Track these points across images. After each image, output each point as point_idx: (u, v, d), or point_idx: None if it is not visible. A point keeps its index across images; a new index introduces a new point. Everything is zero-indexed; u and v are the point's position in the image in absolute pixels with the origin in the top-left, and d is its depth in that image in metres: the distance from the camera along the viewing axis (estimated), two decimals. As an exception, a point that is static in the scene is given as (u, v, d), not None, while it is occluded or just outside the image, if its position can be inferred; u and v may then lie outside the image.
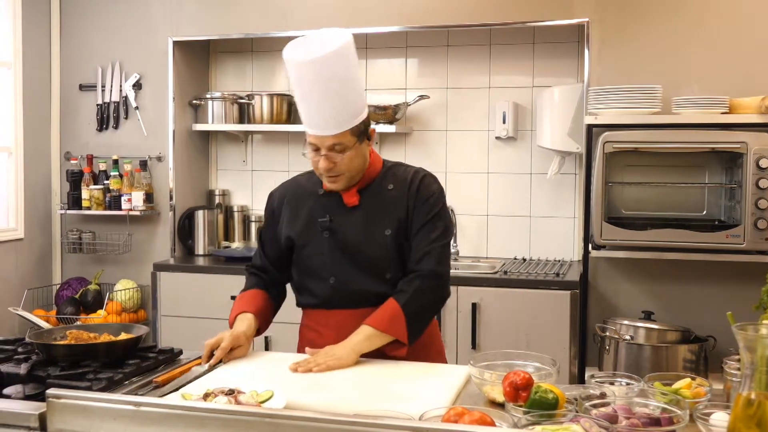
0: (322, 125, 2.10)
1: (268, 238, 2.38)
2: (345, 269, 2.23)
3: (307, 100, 2.11)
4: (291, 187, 2.37)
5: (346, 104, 2.09)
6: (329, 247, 2.24)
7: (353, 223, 2.23)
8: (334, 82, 2.07)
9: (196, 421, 1.46)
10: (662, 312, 3.58)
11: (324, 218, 2.24)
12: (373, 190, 2.25)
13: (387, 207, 2.23)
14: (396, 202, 2.23)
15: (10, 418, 1.65)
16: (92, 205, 4.26)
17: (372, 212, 2.23)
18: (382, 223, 2.22)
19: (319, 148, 2.13)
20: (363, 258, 2.22)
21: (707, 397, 1.76)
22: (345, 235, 2.23)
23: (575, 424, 1.49)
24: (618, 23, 3.65)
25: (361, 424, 1.36)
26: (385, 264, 2.22)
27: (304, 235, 2.27)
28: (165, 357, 2.14)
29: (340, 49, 2.07)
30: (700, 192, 3.55)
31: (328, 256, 2.24)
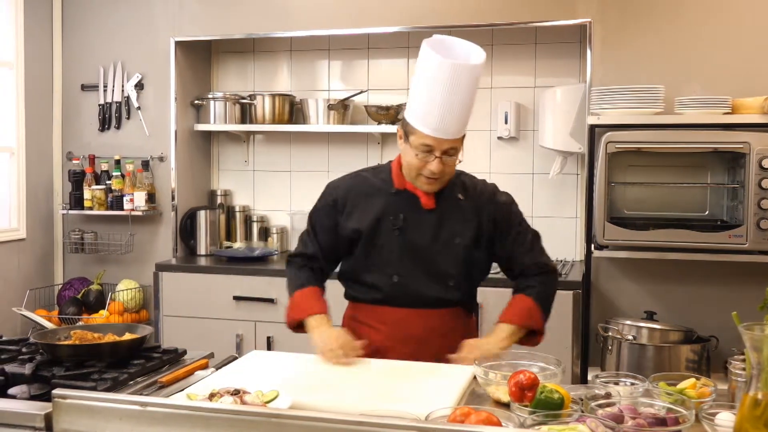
0: (447, 129, 2.13)
1: (325, 227, 2.36)
2: (410, 269, 2.26)
3: (441, 102, 2.11)
4: (357, 181, 2.37)
5: (469, 111, 2.19)
6: (398, 246, 2.27)
7: (426, 226, 2.27)
8: (471, 91, 2.15)
9: (202, 421, 1.46)
10: (664, 312, 3.58)
11: (397, 217, 2.27)
12: (446, 197, 2.30)
13: (459, 216, 2.29)
14: (468, 212, 2.29)
15: (15, 418, 1.65)
16: (94, 205, 4.26)
17: (445, 218, 2.28)
18: (453, 231, 2.27)
19: (432, 151, 2.15)
20: (430, 261, 2.27)
21: (712, 397, 1.76)
22: (416, 236, 2.27)
23: (581, 424, 1.49)
24: (620, 23, 3.65)
25: (368, 424, 1.36)
26: (451, 271, 2.28)
27: (373, 229, 2.28)
28: (169, 357, 2.14)
29: (482, 65, 2.17)
30: (703, 192, 3.55)
31: (395, 254, 2.27)
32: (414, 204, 2.27)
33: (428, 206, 2.27)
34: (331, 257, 2.40)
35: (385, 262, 2.28)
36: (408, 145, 2.20)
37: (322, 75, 4.46)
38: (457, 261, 2.27)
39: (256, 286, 3.91)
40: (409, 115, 2.20)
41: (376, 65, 4.37)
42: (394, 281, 2.27)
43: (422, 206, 2.27)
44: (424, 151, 2.16)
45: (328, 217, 2.35)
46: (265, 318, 3.90)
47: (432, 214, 2.27)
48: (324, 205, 2.38)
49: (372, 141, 4.37)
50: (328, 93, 4.42)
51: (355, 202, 2.31)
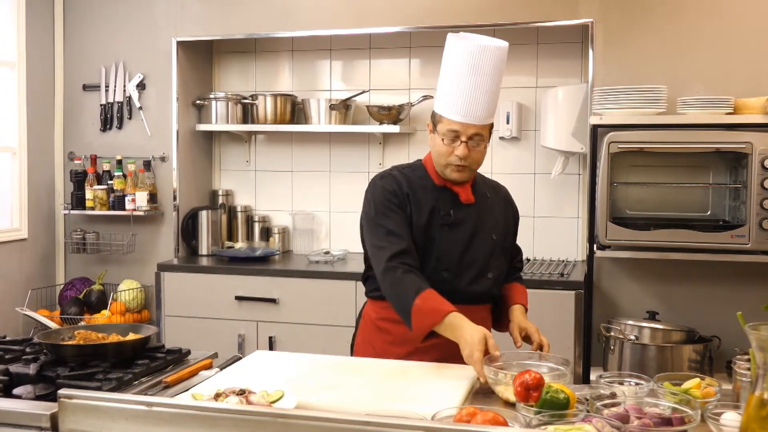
0: (472, 113, 2.17)
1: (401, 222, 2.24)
2: (457, 265, 2.27)
3: (467, 88, 2.16)
4: (404, 178, 2.31)
5: (495, 99, 2.22)
6: (447, 242, 2.27)
7: (469, 222, 2.29)
8: (496, 75, 2.20)
9: (209, 421, 1.46)
10: (667, 312, 3.58)
11: (448, 212, 2.27)
12: (479, 193, 2.35)
13: (491, 213, 2.36)
14: (497, 210, 2.39)
15: (21, 418, 1.65)
16: (96, 205, 4.26)
17: (483, 214, 2.33)
18: (488, 226, 2.33)
19: (459, 136, 2.19)
20: (472, 256, 2.29)
21: (717, 397, 1.77)
22: (461, 231, 2.28)
23: (587, 423, 1.49)
24: (622, 23, 3.65)
25: (374, 424, 1.36)
26: (492, 266, 2.32)
27: (427, 226, 2.26)
28: (173, 357, 2.15)
29: (505, 48, 2.22)
30: (705, 192, 3.55)
31: (444, 251, 2.26)
32: (456, 200, 2.29)
33: (468, 201, 2.29)
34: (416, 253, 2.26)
35: (436, 258, 2.25)
36: (436, 134, 2.24)
37: (323, 75, 4.46)
38: (496, 256, 2.33)
39: (258, 286, 3.91)
40: (437, 106, 2.25)
41: (377, 65, 4.37)
42: (444, 277, 2.25)
43: (462, 202, 2.29)
44: (451, 137, 2.20)
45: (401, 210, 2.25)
46: (267, 318, 3.90)
47: (472, 209, 2.30)
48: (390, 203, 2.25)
49: (374, 141, 4.37)
50: (329, 93, 4.42)
51: (413, 198, 2.27)
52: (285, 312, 3.88)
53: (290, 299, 3.87)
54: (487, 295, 2.34)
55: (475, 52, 2.16)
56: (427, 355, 2.20)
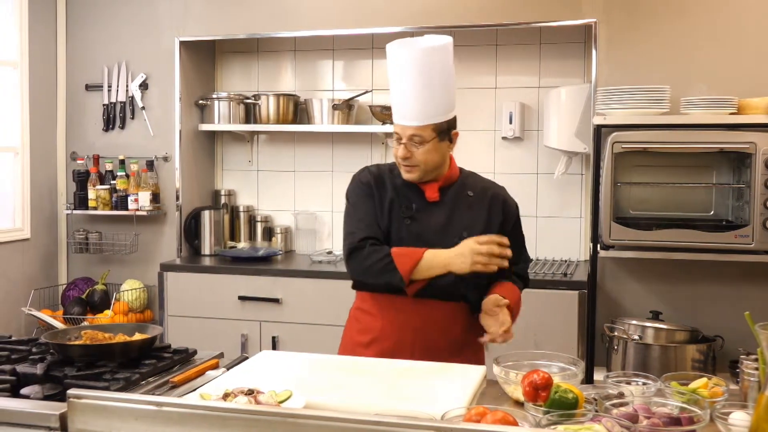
0: (407, 116, 2.27)
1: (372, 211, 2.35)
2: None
3: (399, 91, 2.28)
4: (377, 172, 2.42)
5: (433, 100, 2.26)
6: (408, 235, 2.32)
7: (434, 218, 2.35)
8: (427, 76, 2.24)
9: (219, 421, 1.46)
10: (670, 312, 3.58)
11: (410, 206, 2.34)
12: (454, 192, 2.38)
13: (468, 211, 2.36)
14: (477, 208, 2.38)
15: (30, 418, 1.65)
16: (99, 205, 4.26)
17: (452, 212, 2.36)
18: (462, 225, 2.34)
19: (400, 138, 2.28)
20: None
21: (724, 397, 1.77)
22: (425, 227, 2.33)
23: (597, 423, 1.49)
24: (626, 23, 3.66)
25: (385, 424, 1.36)
26: None
27: (387, 219, 2.34)
28: (180, 357, 2.14)
29: (440, 47, 2.27)
30: (708, 192, 3.56)
31: (406, 243, 2.30)
32: (421, 197, 2.36)
33: (432, 199, 2.35)
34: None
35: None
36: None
37: (326, 75, 4.47)
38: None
39: (261, 286, 3.91)
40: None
41: (380, 65, 4.37)
42: None
43: (427, 199, 2.35)
44: (396, 139, 2.31)
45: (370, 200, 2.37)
46: (270, 318, 3.90)
47: (439, 207, 2.35)
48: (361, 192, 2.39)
49: (376, 141, 4.37)
50: (332, 93, 4.42)
51: (378, 189, 2.38)
52: (288, 312, 3.88)
53: (293, 299, 3.87)
54: (452, 293, 2.31)
55: (404, 56, 2.24)
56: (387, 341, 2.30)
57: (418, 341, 2.29)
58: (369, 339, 2.36)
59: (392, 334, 2.32)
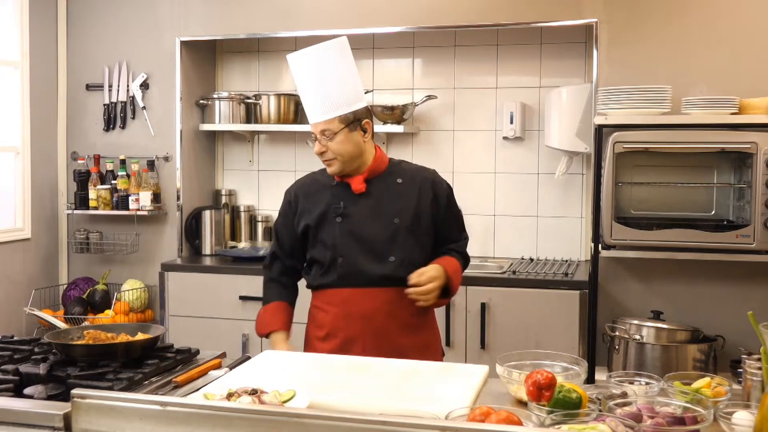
0: (313, 113, 2.44)
1: (283, 228, 2.60)
2: (352, 251, 2.45)
3: (304, 92, 2.46)
4: (306, 182, 2.61)
5: (333, 94, 2.41)
6: (339, 231, 2.46)
7: (362, 210, 2.47)
8: (323, 72, 2.41)
9: (224, 421, 1.47)
10: (671, 312, 3.59)
11: (339, 205, 2.47)
12: (381, 182, 2.50)
13: (397, 198, 2.48)
14: (407, 194, 2.49)
15: (34, 418, 1.65)
16: (99, 205, 4.26)
17: (381, 201, 2.48)
18: (391, 211, 2.46)
19: (315, 135, 2.45)
20: (370, 241, 2.45)
21: (728, 397, 1.77)
22: (355, 219, 2.46)
23: (601, 423, 1.49)
24: (627, 24, 3.66)
25: (391, 424, 1.37)
26: (391, 249, 2.44)
27: (319, 221, 2.49)
28: (183, 357, 2.15)
29: (332, 44, 2.44)
30: (709, 192, 3.56)
31: (338, 239, 2.45)
32: (349, 192, 2.48)
33: (358, 190, 2.47)
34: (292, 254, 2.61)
35: (330, 247, 2.46)
36: None
37: (327, 75, 4.46)
38: (397, 240, 2.44)
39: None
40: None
41: (381, 65, 4.37)
42: (339, 263, 2.45)
43: (354, 192, 2.47)
44: (313, 138, 2.47)
45: (285, 219, 2.59)
46: (271, 318, 3.89)
47: (366, 198, 2.47)
48: (282, 210, 2.62)
49: (377, 141, 4.32)
50: (333, 93, 4.41)
51: (304, 201, 2.54)
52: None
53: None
54: (391, 278, 2.43)
55: (300, 61, 2.45)
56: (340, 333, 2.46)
57: (367, 329, 2.42)
58: (324, 333, 2.49)
59: (343, 326, 2.45)
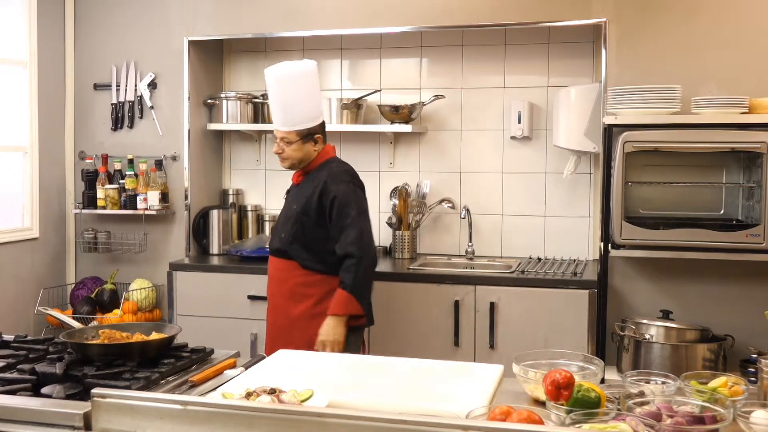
0: (276, 121, 3.14)
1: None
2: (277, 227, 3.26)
3: (272, 102, 3.15)
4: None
5: (294, 110, 3.08)
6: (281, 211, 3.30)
7: (291, 197, 3.24)
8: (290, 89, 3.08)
9: (245, 420, 1.47)
10: (680, 311, 3.58)
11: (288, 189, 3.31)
12: (310, 176, 3.17)
13: (305, 190, 3.13)
14: (307, 188, 3.13)
15: (54, 417, 1.66)
16: (107, 204, 4.26)
17: (299, 191, 3.17)
18: (297, 199, 3.16)
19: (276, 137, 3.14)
20: (282, 221, 3.22)
21: (745, 396, 1.77)
22: (286, 203, 3.26)
23: (621, 422, 1.49)
24: (636, 23, 3.66)
25: (413, 423, 1.37)
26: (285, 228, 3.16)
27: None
28: (198, 356, 2.15)
29: (302, 66, 3.12)
30: (718, 191, 3.56)
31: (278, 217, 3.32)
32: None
33: (296, 182, 3.23)
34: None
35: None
36: None
37: (334, 74, 4.47)
38: (292, 222, 3.12)
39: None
40: None
41: (388, 65, 4.37)
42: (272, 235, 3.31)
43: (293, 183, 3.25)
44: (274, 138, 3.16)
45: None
46: (279, 317, 3.89)
47: (297, 188, 3.21)
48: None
49: (384, 140, 4.37)
50: (340, 92, 4.42)
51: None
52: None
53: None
54: (281, 252, 3.16)
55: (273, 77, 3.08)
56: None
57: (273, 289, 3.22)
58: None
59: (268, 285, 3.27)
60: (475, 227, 4.24)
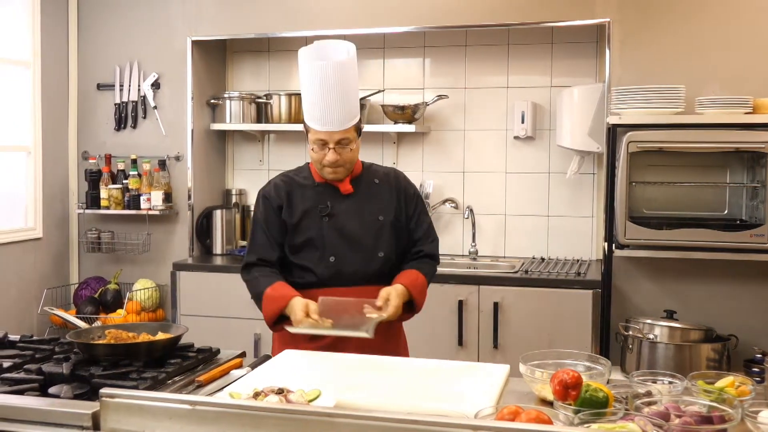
0: (334, 122, 2.40)
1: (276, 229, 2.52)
2: (343, 249, 2.49)
3: (320, 100, 2.40)
4: (285, 182, 2.57)
5: (350, 104, 2.43)
6: (331, 232, 2.49)
7: (349, 210, 2.52)
8: (346, 84, 2.41)
9: (253, 420, 1.47)
10: (684, 311, 3.58)
11: (325, 205, 2.49)
12: (363, 182, 2.57)
13: (379, 197, 2.56)
14: (386, 194, 2.57)
15: (62, 417, 1.66)
16: (111, 204, 4.26)
17: (365, 201, 2.55)
18: (375, 209, 2.54)
19: (326, 144, 2.42)
20: (358, 239, 2.50)
21: (752, 396, 1.77)
22: (343, 219, 2.50)
23: (630, 422, 1.49)
24: (639, 23, 3.66)
25: (423, 423, 1.37)
26: (379, 247, 2.51)
27: (303, 221, 2.50)
28: (204, 356, 2.15)
29: (352, 58, 2.47)
30: (722, 191, 3.56)
31: (327, 239, 2.48)
32: (335, 193, 2.51)
33: (347, 192, 2.52)
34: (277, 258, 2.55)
35: (317, 247, 2.48)
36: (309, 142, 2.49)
37: (337, 74, 4.46)
38: (383, 237, 2.52)
39: (274, 285, 3.90)
40: (305, 116, 2.49)
41: (391, 65, 4.38)
42: (330, 262, 2.47)
43: (342, 193, 2.51)
44: (319, 145, 2.44)
45: (276, 220, 2.52)
46: (283, 317, 3.89)
47: (352, 198, 2.53)
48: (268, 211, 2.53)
49: (388, 140, 4.37)
50: (343, 92, 4.41)
51: (289, 200, 2.53)
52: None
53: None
54: (381, 274, 2.50)
55: (320, 66, 2.39)
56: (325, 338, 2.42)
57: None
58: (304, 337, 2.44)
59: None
60: (479, 227, 4.24)
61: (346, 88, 2.41)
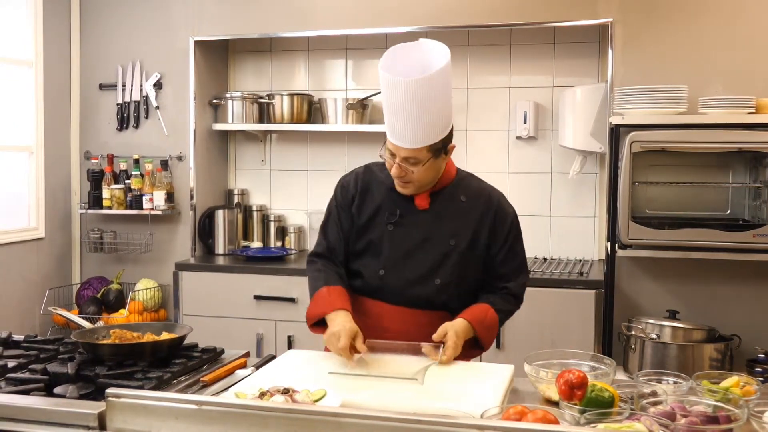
0: (401, 137, 2.12)
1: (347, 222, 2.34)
2: (397, 265, 2.26)
3: (394, 112, 2.12)
4: (365, 174, 2.37)
5: (429, 123, 2.11)
6: (391, 244, 2.27)
7: (420, 225, 2.27)
8: (426, 102, 2.08)
9: (259, 420, 1.47)
10: (687, 311, 3.59)
11: (394, 212, 2.27)
12: (445, 197, 2.29)
13: (458, 217, 2.27)
14: (468, 214, 2.28)
15: (68, 417, 1.66)
16: (113, 204, 4.27)
17: (439, 219, 2.27)
18: (449, 231, 2.26)
19: (394, 156, 2.17)
20: (418, 259, 2.25)
21: (757, 395, 1.77)
22: (408, 233, 2.27)
23: (636, 422, 1.49)
24: (642, 23, 3.66)
25: (429, 423, 1.37)
26: (439, 271, 2.25)
27: (369, 221, 2.30)
28: (209, 356, 2.15)
29: (439, 72, 2.08)
30: (725, 191, 3.56)
31: (385, 250, 2.27)
32: (409, 203, 2.28)
33: (422, 206, 2.27)
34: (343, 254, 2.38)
35: (373, 254, 2.29)
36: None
37: (339, 74, 4.47)
38: (448, 262, 2.26)
39: (276, 285, 3.91)
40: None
41: (394, 65, 4.37)
42: (380, 275, 2.28)
43: (416, 206, 2.28)
44: (390, 154, 2.19)
45: (347, 210, 2.34)
46: (285, 317, 3.90)
47: (426, 214, 2.28)
48: (342, 201, 2.37)
49: (390, 140, 4.37)
50: (345, 92, 4.42)
51: (362, 195, 2.33)
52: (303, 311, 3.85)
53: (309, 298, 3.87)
54: (433, 302, 2.26)
55: (404, 83, 2.07)
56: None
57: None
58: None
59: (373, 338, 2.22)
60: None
61: (427, 106, 2.08)
